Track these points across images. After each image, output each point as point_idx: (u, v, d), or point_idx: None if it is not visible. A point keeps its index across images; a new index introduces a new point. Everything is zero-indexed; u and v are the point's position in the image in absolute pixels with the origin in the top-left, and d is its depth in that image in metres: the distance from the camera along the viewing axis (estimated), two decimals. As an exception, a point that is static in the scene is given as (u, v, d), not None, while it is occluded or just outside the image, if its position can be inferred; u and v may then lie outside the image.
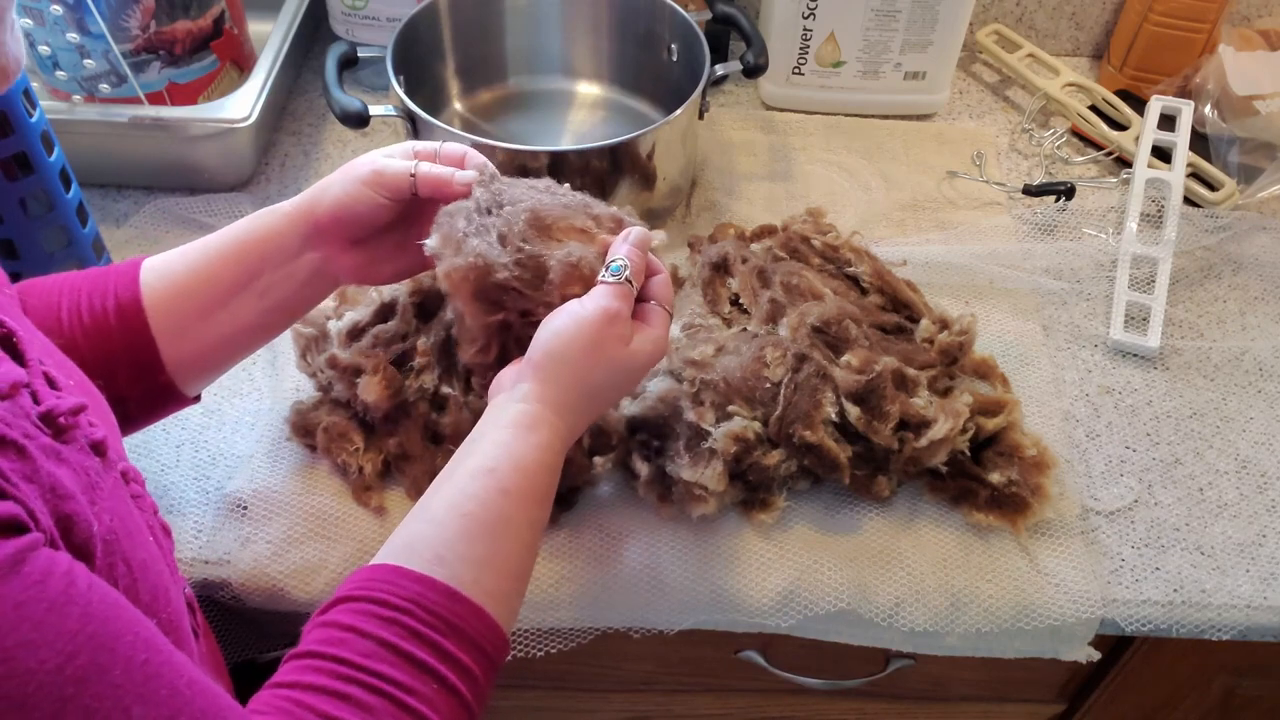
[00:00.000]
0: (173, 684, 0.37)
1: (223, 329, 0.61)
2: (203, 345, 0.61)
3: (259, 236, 0.61)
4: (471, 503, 0.50)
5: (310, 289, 0.63)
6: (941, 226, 0.94)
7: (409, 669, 0.44)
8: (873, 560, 0.70)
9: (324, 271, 0.62)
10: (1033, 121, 1.06)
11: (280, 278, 0.61)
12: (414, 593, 0.46)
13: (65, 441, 0.42)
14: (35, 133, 0.74)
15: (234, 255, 0.61)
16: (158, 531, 0.50)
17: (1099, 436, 0.79)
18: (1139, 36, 1.05)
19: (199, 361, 0.62)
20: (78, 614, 0.34)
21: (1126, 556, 0.72)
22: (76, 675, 0.33)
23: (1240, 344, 0.86)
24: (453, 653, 0.46)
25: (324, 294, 0.65)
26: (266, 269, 0.61)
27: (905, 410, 0.69)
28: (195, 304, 0.60)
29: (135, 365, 0.59)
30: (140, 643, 0.36)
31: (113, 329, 0.59)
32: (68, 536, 0.38)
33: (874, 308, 0.80)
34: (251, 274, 0.61)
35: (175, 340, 0.60)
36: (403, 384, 0.71)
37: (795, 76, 1.05)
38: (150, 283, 0.60)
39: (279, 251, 0.61)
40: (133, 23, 0.89)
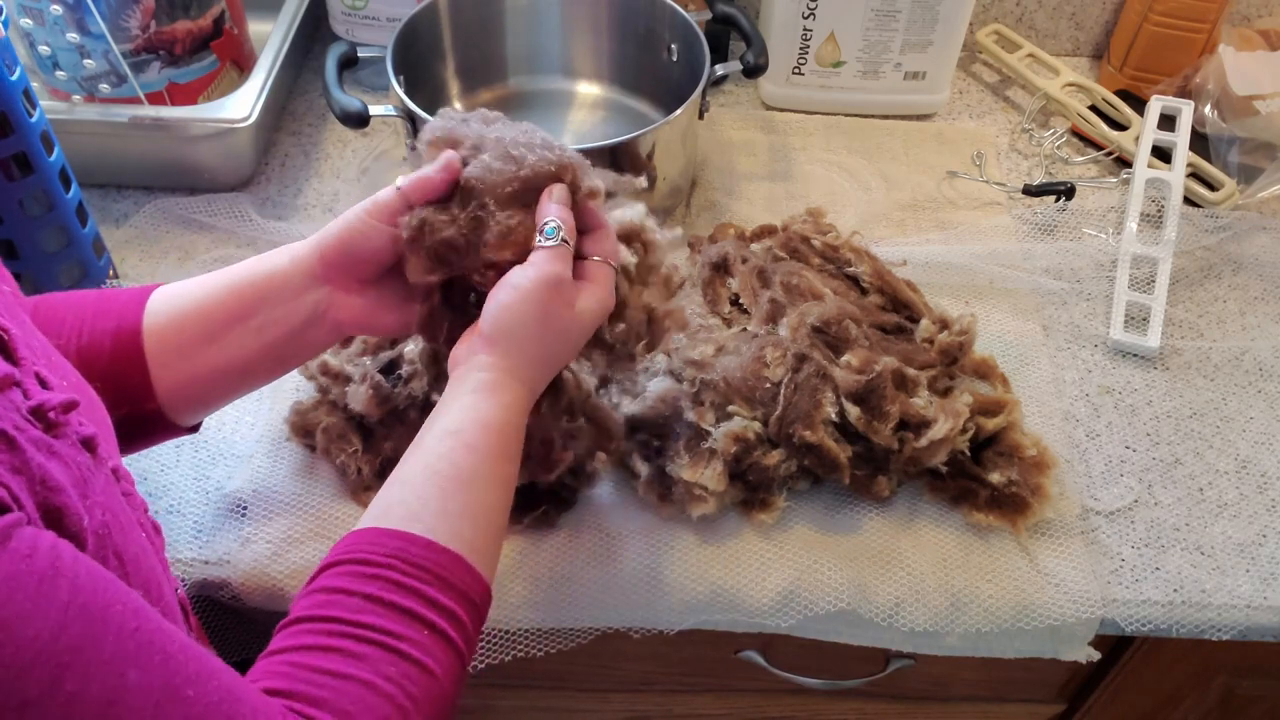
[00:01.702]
0: (165, 649, 0.38)
1: (214, 362, 0.60)
2: (192, 376, 0.60)
3: (262, 272, 0.61)
4: (441, 462, 0.52)
5: (308, 333, 0.61)
6: (941, 226, 0.94)
7: (398, 617, 0.46)
8: (873, 560, 0.70)
9: (324, 316, 0.61)
10: (1033, 121, 1.06)
11: (278, 316, 0.60)
12: (395, 548, 0.48)
13: (56, 436, 0.42)
14: (35, 133, 0.74)
15: (235, 288, 0.60)
16: (149, 529, 0.50)
17: (1099, 436, 0.79)
18: (1139, 36, 1.05)
19: (188, 392, 0.61)
20: (67, 586, 0.35)
21: (1126, 556, 0.72)
22: (70, 644, 0.34)
23: (1240, 344, 0.86)
24: (438, 599, 0.47)
25: (321, 342, 0.63)
26: (265, 306, 0.60)
27: (905, 410, 0.69)
28: (191, 333, 0.60)
29: (126, 393, 0.58)
30: (129, 612, 0.37)
31: (105, 352, 0.58)
32: (58, 529, 0.39)
33: (874, 308, 0.80)
34: (249, 309, 0.60)
35: (166, 368, 0.59)
36: (392, 392, 0.71)
37: (795, 76, 1.05)
38: (155, 309, 0.60)
39: (280, 289, 0.60)
40: (133, 23, 0.89)
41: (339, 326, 0.62)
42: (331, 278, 0.60)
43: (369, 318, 0.62)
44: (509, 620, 0.70)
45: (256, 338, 0.60)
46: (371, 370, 0.71)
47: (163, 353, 0.59)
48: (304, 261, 0.60)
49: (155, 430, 0.62)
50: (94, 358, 0.58)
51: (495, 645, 0.71)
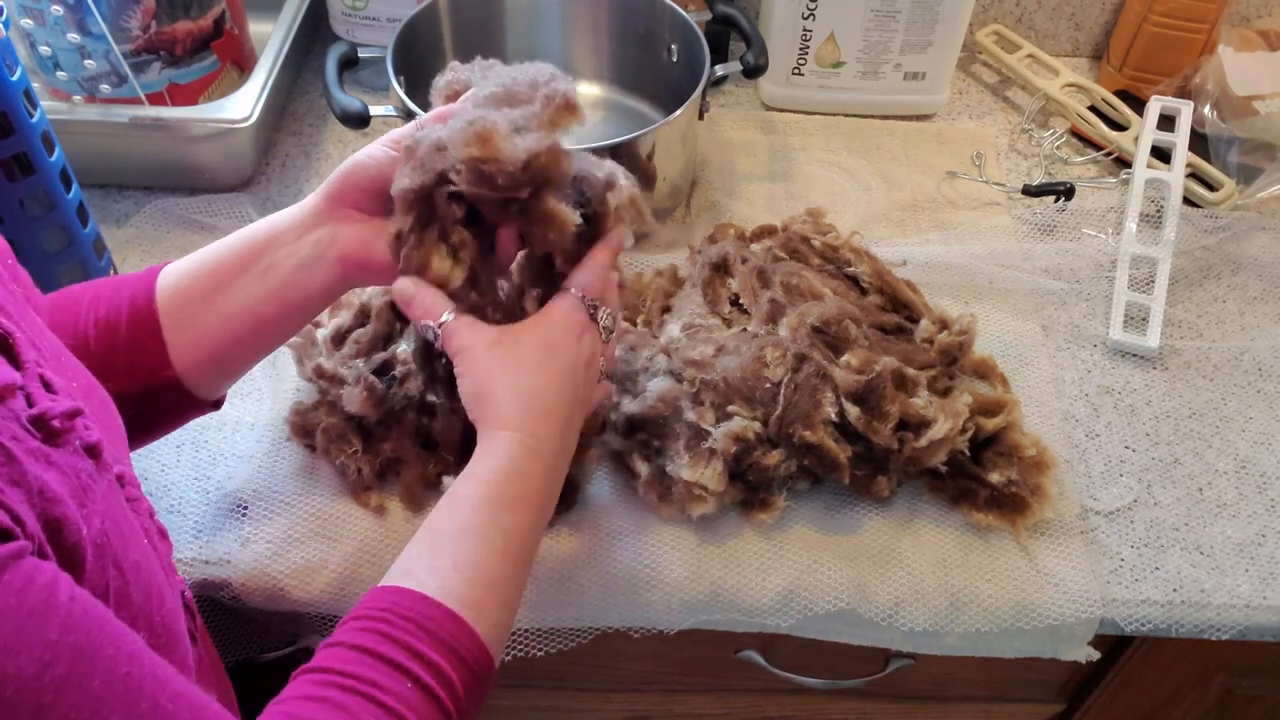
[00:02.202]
0: (154, 696, 0.37)
1: (223, 314, 0.60)
2: (204, 332, 0.60)
3: (271, 221, 0.62)
4: (434, 519, 0.54)
5: (312, 273, 0.60)
6: (941, 227, 0.94)
7: (383, 669, 0.47)
8: (872, 560, 0.70)
9: (325, 254, 0.60)
10: (1032, 122, 1.07)
11: (281, 258, 0.60)
12: (389, 602, 0.49)
13: (57, 445, 0.42)
14: (36, 133, 0.74)
15: (243, 238, 0.61)
16: (154, 535, 0.50)
17: (1098, 436, 0.79)
18: (1138, 37, 1.06)
19: (202, 352, 0.60)
20: (58, 623, 0.34)
21: (1126, 556, 0.72)
22: (55, 683, 0.34)
23: (1239, 344, 0.86)
24: (424, 653, 0.47)
25: (325, 283, 0.61)
26: (269, 250, 0.60)
27: (905, 410, 0.69)
28: (200, 287, 0.60)
29: (139, 362, 0.59)
30: (123, 656, 0.37)
31: (122, 327, 0.59)
32: (56, 540, 0.38)
33: (874, 308, 0.80)
34: (255, 255, 0.60)
35: (178, 328, 0.60)
36: (386, 393, 0.71)
37: (795, 77, 1.05)
38: (167, 274, 0.61)
39: (284, 231, 0.61)
40: (133, 23, 0.89)
41: (342, 263, 0.61)
42: (336, 209, 0.61)
43: (366, 246, 0.60)
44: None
45: (261, 282, 0.60)
46: (365, 372, 0.71)
47: (174, 311, 0.60)
48: (310, 203, 0.61)
49: (178, 405, 0.62)
50: (112, 330, 0.59)
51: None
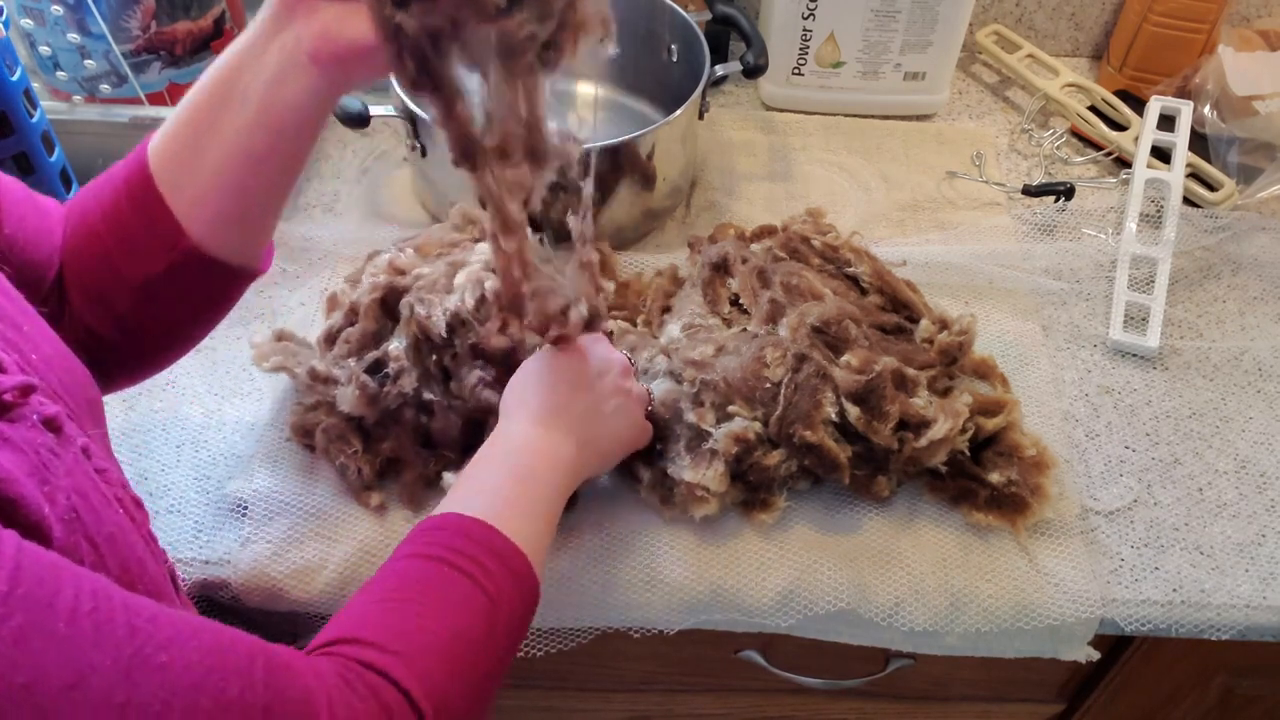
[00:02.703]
0: (130, 623, 0.37)
1: (216, 159, 0.55)
2: (206, 187, 0.55)
3: (232, 46, 0.55)
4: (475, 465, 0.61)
5: (289, 86, 0.53)
6: (941, 227, 0.94)
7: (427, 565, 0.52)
8: (872, 560, 0.70)
9: (295, 57, 0.53)
10: (1032, 122, 1.07)
11: (251, 79, 0.53)
12: (432, 523, 0.55)
13: (11, 420, 0.41)
14: (36, 133, 0.74)
15: (213, 74, 0.55)
16: (128, 504, 0.49)
17: (1098, 436, 0.79)
18: (1138, 37, 1.05)
19: (211, 209, 0.56)
20: (5, 577, 0.34)
21: (1126, 556, 0.72)
22: (13, 635, 0.34)
23: (1239, 344, 0.86)
24: (464, 549, 0.53)
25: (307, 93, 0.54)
26: (240, 75, 0.54)
27: (905, 410, 0.69)
28: (184, 143, 0.55)
29: (154, 239, 0.56)
30: (85, 594, 0.37)
31: (125, 208, 0.56)
32: (12, 519, 0.38)
33: (874, 308, 0.80)
34: (229, 86, 0.54)
35: (179, 190, 0.55)
36: (380, 391, 0.70)
37: (795, 77, 1.05)
38: (154, 145, 0.56)
39: (249, 48, 0.54)
40: (133, 23, 0.89)
41: (315, 62, 0.53)
42: (293, 10, 0.53)
43: (338, 34, 0.52)
44: (509, 620, 0.70)
45: (241, 113, 0.54)
46: (357, 371, 0.71)
47: (169, 174, 0.55)
48: (258, 20, 0.54)
49: (213, 277, 0.58)
50: (118, 216, 0.56)
51: (495, 645, 0.71)
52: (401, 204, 0.95)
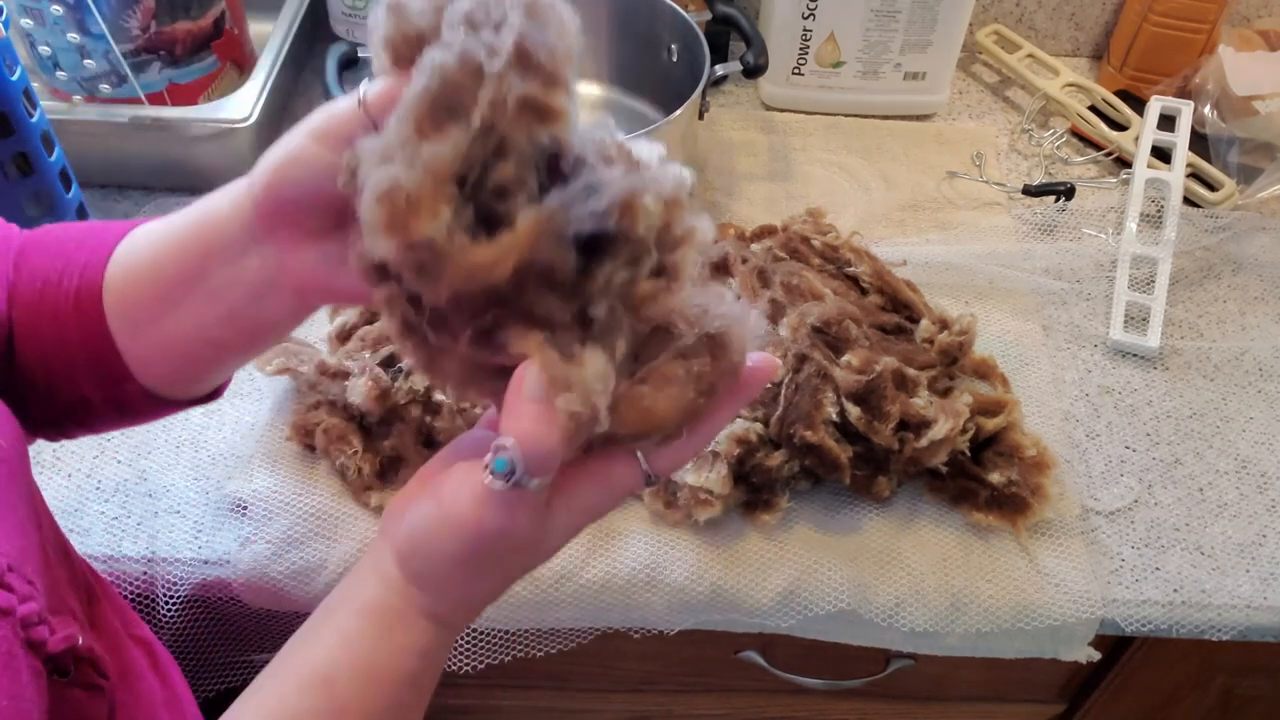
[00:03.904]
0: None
1: (178, 333, 0.47)
2: (162, 350, 0.48)
3: (206, 222, 0.46)
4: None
5: (267, 305, 0.46)
6: (941, 227, 0.94)
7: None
8: (873, 560, 0.70)
9: (277, 282, 0.45)
10: (1032, 122, 1.06)
11: (228, 280, 0.46)
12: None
13: None
14: (36, 133, 0.74)
15: (182, 242, 0.47)
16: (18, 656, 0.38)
17: (1099, 436, 0.79)
18: (1139, 37, 1.05)
19: (166, 369, 0.49)
20: None
21: (1126, 557, 0.72)
22: None
23: (1240, 344, 0.86)
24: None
25: (286, 314, 0.47)
26: (212, 265, 0.46)
27: (905, 410, 0.69)
28: (147, 300, 0.47)
29: (101, 371, 0.48)
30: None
31: (71, 334, 0.48)
32: None
33: (874, 308, 0.80)
34: (197, 270, 0.46)
35: (133, 342, 0.48)
36: (391, 386, 0.71)
37: (795, 77, 1.05)
38: (116, 263, 0.48)
39: (222, 242, 0.45)
40: (133, 23, 0.89)
41: (301, 294, 0.46)
42: (275, 230, 0.44)
43: (330, 280, 0.44)
44: (509, 620, 0.70)
45: (212, 306, 0.46)
46: (371, 364, 0.71)
47: (125, 326, 0.48)
48: (240, 209, 0.45)
49: (164, 406, 0.51)
50: (63, 339, 0.48)
51: (495, 645, 0.71)
52: (401, 204, 0.95)
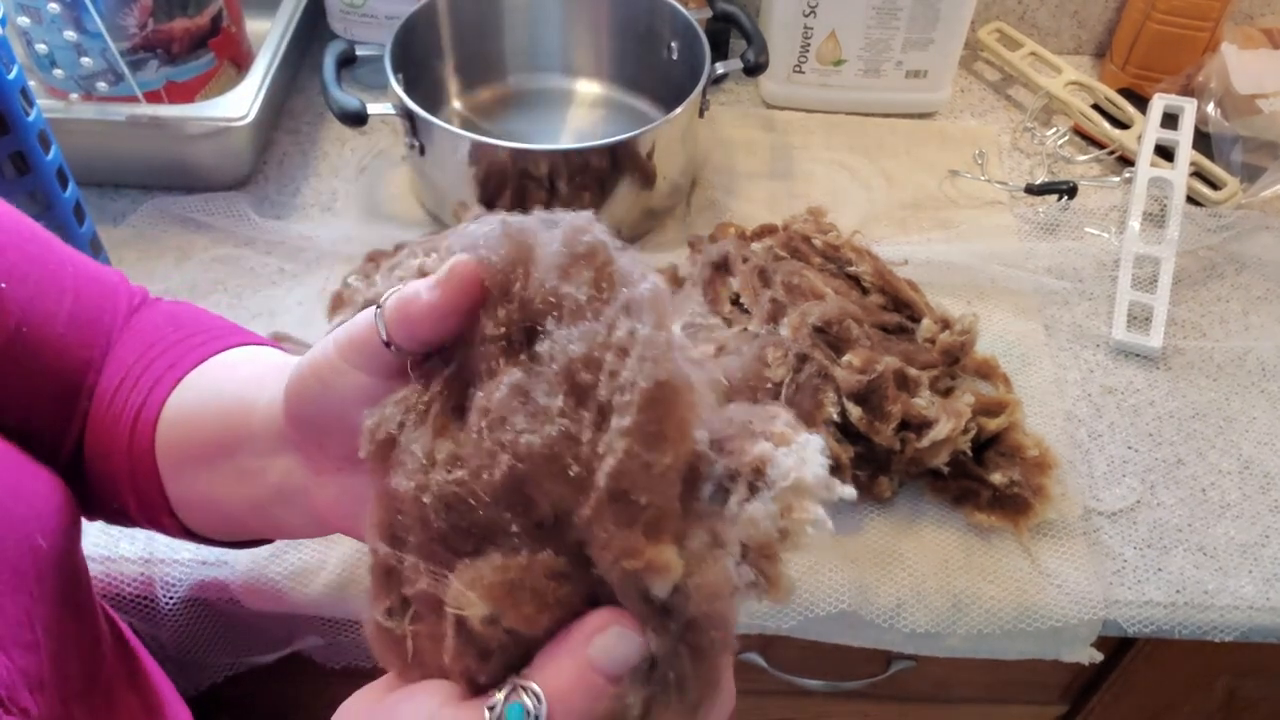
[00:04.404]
0: None
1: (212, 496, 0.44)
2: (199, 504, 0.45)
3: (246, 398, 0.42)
4: None
5: (290, 509, 0.42)
6: (943, 226, 0.94)
7: None
8: (874, 561, 0.70)
9: (294, 499, 0.41)
10: (1035, 120, 1.06)
11: (255, 469, 0.41)
12: None
13: None
14: (32, 131, 0.73)
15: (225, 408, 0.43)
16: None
17: (1101, 437, 0.78)
18: (1141, 35, 1.05)
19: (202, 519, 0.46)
20: None
21: (1129, 557, 0.71)
22: None
23: (1243, 344, 0.85)
24: None
25: (307, 529, 0.43)
26: (243, 450, 0.42)
27: (907, 410, 0.69)
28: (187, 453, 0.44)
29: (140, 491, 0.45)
30: None
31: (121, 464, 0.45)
32: None
33: (875, 307, 0.79)
34: (230, 446, 0.42)
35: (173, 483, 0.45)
36: None
37: (796, 75, 1.04)
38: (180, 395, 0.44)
39: (252, 432, 0.41)
40: (130, 21, 0.88)
41: (321, 522, 0.41)
42: (303, 445, 0.39)
43: (353, 517, 0.39)
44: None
45: (240, 487, 0.42)
46: None
47: (167, 464, 0.44)
48: (273, 409, 0.40)
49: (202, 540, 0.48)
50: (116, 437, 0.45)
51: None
52: (400, 203, 0.95)
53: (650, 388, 0.29)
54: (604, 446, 0.29)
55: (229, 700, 0.75)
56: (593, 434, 0.29)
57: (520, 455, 0.29)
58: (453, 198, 0.87)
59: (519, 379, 0.30)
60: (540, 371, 0.30)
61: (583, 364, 0.30)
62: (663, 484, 0.29)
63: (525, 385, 0.30)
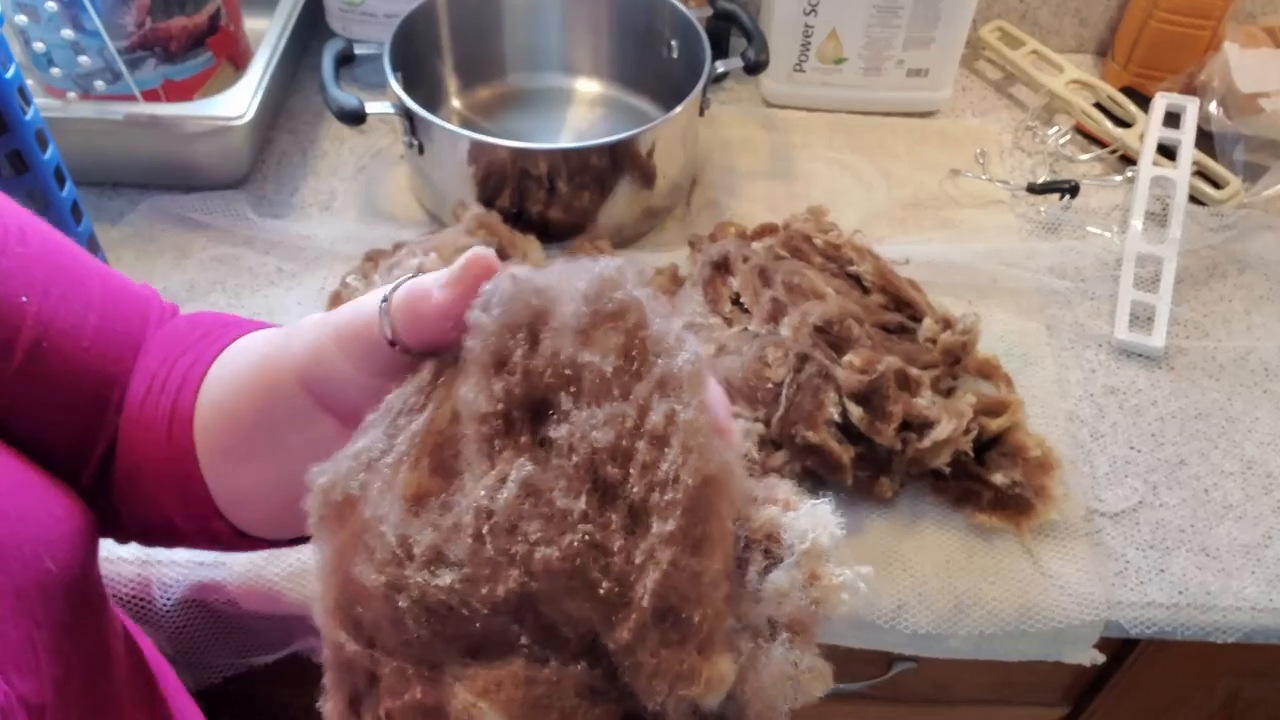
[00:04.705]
0: None
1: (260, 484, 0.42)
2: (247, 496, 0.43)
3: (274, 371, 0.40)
4: None
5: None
6: (944, 225, 0.94)
7: None
8: (875, 562, 0.69)
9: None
10: (1036, 119, 1.06)
11: (299, 443, 0.39)
12: None
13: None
14: (30, 130, 0.73)
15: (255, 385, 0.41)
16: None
17: (1103, 437, 0.78)
18: (1144, 33, 1.05)
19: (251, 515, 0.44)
20: None
21: (1131, 558, 0.71)
22: None
23: (1246, 344, 0.85)
24: None
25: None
26: (282, 425, 0.40)
27: (908, 411, 0.69)
28: (227, 443, 0.42)
29: (184, 496, 0.44)
30: None
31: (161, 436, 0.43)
32: None
33: (876, 307, 0.79)
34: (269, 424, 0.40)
35: (217, 479, 0.43)
36: None
37: (797, 73, 1.04)
38: (210, 385, 0.43)
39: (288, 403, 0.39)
40: (128, 19, 0.88)
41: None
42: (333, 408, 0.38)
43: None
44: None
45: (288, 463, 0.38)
46: None
47: (209, 460, 0.43)
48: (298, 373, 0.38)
49: (257, 543, 0.46)
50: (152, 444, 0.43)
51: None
52: (399, 202, 0.95)
53: (697, 485, 0.24)
54: (642, 556, 0.24)
55: (231, 696, 0.75)
56: (624, 541, 0.24)
57: (535, 571, 0.24)
58: (452, 197, 0.87)
59: (530, 474, 0.24)
60: (556, 464, 0.24)
61: (609, 455, 0.24)
62: (714, 592, 0.25)
63: (537, 482, 0.24)
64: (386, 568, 0.25)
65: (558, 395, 0.25)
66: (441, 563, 0.24)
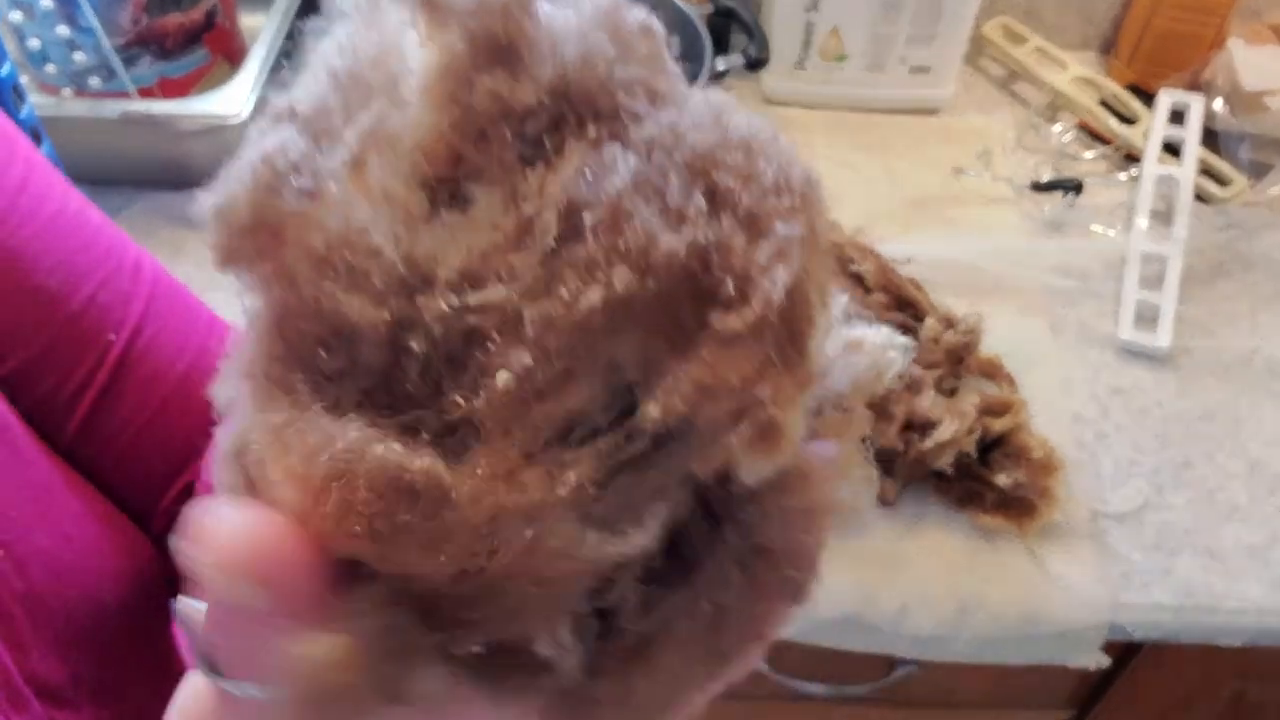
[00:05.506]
0: None
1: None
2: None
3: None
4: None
5: None
6: (947, 224, 0.93)
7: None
8: (878, 564, 0.69)
9: None
10: (1040, 116, 1.05)
11: None
12: None
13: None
14: (24, 128, 0.73)
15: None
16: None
17: (1108, 438, 0.77)
18: (1148, 30, 1.04)
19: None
20: None
21: (1136, 560, 0.70)
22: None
23: (1251, 343, 0.84)
24: None
25: None
26: None
27: (911, 411, 0.68)
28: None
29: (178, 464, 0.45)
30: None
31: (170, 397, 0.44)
32: None
33: (878, 306, 0.78)
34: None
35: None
36: None
37: (798, 70, 1.03)
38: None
39: None
40: (123, 16, 0.88)
41: None
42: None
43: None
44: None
45: None
46: None
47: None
48: None
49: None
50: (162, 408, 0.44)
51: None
52: (397, 200, 0.94)
53: (808, 193, 0.21)
54: (767, 256, 0.19)
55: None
56: (746, 240, 0.19)
57: (654, 265, 0.18)
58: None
59: (637, 164, 0.19)
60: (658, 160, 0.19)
61: (705, 160, 0.20)
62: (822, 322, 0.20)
63: (646, 173, 0.19)
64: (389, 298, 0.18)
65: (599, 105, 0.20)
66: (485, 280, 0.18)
